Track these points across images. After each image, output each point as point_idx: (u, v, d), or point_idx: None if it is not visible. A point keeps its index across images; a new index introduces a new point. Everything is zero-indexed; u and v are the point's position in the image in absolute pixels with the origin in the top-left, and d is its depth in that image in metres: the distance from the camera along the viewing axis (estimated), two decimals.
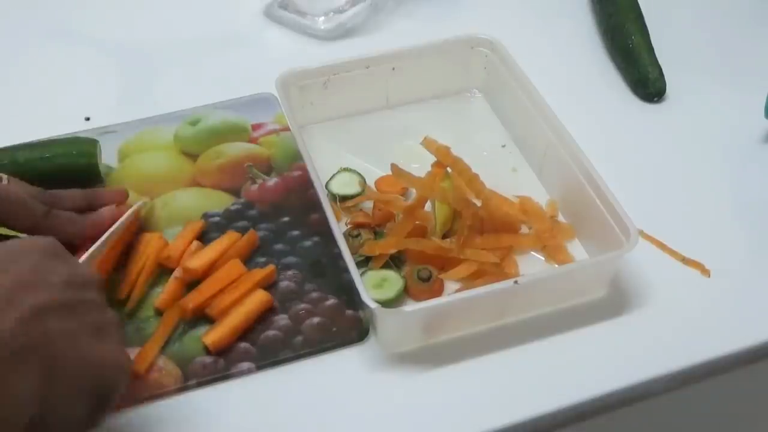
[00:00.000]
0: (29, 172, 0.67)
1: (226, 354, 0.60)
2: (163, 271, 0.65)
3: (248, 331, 0.61)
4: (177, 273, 0.64)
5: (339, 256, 0.61)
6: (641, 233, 0.67)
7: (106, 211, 0.65)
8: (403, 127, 0.77)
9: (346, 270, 0.59)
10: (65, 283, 0.48)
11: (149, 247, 0.65)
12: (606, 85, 0.83)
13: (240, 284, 0.62)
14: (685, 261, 0.66)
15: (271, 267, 0.64)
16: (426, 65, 0.77)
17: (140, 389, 0.57)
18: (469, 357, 0.60)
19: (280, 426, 0.57)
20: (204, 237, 0.67)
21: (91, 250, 0.60)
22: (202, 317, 0.62)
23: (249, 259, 0.65)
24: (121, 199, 0.67)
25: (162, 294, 0.63)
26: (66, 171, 0.69)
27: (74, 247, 0.62)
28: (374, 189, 0.70)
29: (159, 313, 0.62)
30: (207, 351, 0.60)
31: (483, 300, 0.59)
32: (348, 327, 0.61)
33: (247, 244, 0.66)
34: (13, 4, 0.93)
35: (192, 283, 0.63)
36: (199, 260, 0.64)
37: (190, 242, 0.66)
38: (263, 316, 0.62)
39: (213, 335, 0.60)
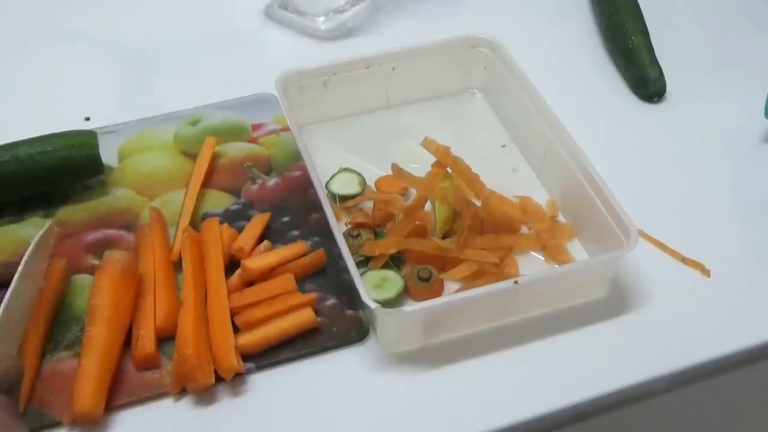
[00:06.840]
0: (31, 168, 0.67)
1: None
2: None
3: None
4: (239, 270, 0.63)
5: (339, 256, 0.61)
6: (641, 233, 0.67)
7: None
8: (403, 127, 0.77)
9: (346, 270, 0.59)
10: None
11: (222, 238, 0.64)
12: (606, 85, 0.83)
13: (275, 303, 0.61)
14: (685, 261, 0.66)
15: (311, 296, 0.62)
16: (426, 65, 0.77)
17: (140, 389, 0.57)
18: (469, 357, 0.60)
19: (280, 426, 0.57)
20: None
21: (5, 301, 0.53)
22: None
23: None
24: None
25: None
26: (68, 164, 0.69)
27: None
28: (374, 189, 0.70)
29: None
30: None
31: (483, 300, 0.59)
32: (348, 327, 0.61)
33: (312, 262, 0.64)
34: (13, 4, 0.93)
35: (252, 281, 0.63)
36: (259, 261, 0.63)
37: (260, 234, 0.66)
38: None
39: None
